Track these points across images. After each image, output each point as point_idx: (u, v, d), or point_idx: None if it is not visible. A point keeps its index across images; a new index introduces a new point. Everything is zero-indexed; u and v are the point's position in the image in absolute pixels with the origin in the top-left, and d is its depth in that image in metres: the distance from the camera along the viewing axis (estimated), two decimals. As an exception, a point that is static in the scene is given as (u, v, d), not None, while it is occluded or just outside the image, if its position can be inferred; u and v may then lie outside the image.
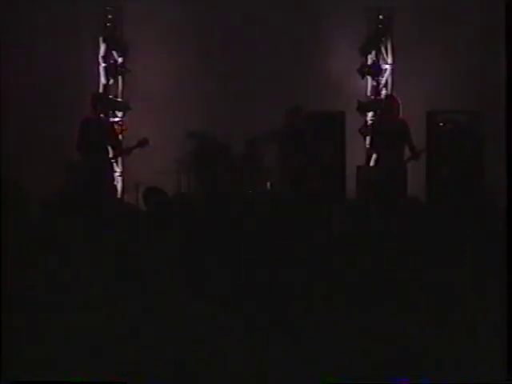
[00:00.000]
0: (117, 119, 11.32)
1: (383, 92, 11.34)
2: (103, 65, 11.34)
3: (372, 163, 9.38)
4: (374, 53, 11.42)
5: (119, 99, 11.37)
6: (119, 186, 11.14)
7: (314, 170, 9.52)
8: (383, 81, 11.40)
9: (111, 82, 11.34)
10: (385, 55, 11.41)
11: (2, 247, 6.51)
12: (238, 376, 4.93)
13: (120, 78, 11.43)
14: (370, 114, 11.37)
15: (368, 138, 10.27)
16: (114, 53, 11.41)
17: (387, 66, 11.39)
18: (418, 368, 4.99)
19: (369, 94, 11.47)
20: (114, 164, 10.12)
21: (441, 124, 10.93)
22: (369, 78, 11.46)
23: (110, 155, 9.28)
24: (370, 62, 11.45)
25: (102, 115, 9.20)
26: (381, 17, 11.28)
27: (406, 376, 4.89)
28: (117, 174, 10.80)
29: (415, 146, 9.07)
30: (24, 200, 8.08)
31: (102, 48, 11.34)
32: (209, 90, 11.01)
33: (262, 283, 6.39)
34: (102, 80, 11.30)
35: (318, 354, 5.18)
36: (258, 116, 10.37)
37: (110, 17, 11.27)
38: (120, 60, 11.43)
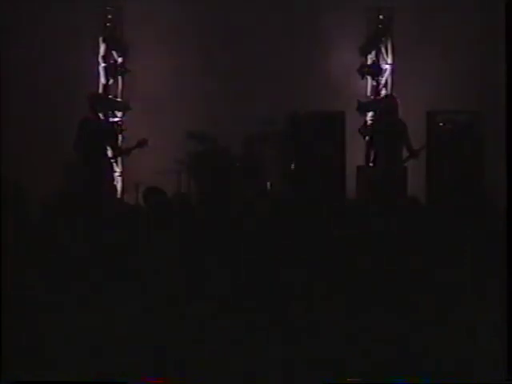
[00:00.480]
0: (116, 119, 11.32)
1: (383, 92, 11.34)
2: (103, 65, 11.33)
3: (372, 163, 9.36)
4: (373, 53, 11.41)
5: (119, 99, 11.36)
6: (119, 186, 11.14)
7: (314, 169, 9.51)
8: (383, 81, 11.39)
9: (111, 82, 11.33)
10: (385, 55, 11.40)
11: (2, 247, 6.51)
12: (238, 376, 4.93)
13: (120, 78, 11.42)
14: (369, 114, 11.37)
15: (368, 138, 10.26)
16: (114, 53, 11.41)
17: (387, 66, 11.38)
18: (417, 368, 4.99)
19: (369, 94, 11.47)
20: (114, 164, 10.11)
21: (441, 124, 10.91)
22: (369, 78, 11.46)
23: (109, 155, 9.27)
24: (369, 62, 11.44)
25: (100, 115, 9.19)
26: (381, 17, 11.27)
27: (405, 376, 4.90)
28: (117, 174, 10.80)
29: (413, 146, 9.07)
30: (24, 200, 8.08)
31: (102, 48, 11.33)
32: (209, 90, 11.00)
33: (262, 283, 6.40)
34: (102, 80, 11.29)
35: (317, 353, 5.18)
36: (257, 116, 10.36)
37: (109, 17, 11.25)
38: (120, 60, 11.42)
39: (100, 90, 11.09)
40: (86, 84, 10.67)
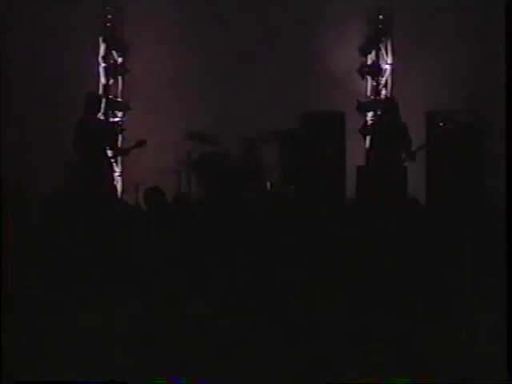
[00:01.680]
0: (116, 119, 11.32)
1: (383, 92, 11.34)
2: (103, 65, 11.33)
3: (372, 163, 9.36)
4: (373, 53, 11.42)
5: (119, 99, 11.36)
6: (119, 186, 11.13)
7: (314, 169, 9.52)
8: (383, 81, 11.40)
9: (111, 82, 11.34)
10: (385, 55, 11.41)
11: (2, 247, 6.52)
12: (238, 376, 4.93)
13: (120, 77, 11.43)
14: (369, 114, 11.37)
15: (368, 138, 10.26)
16: (114, 53, 11.40)
17: (387, 66, 11.39)
18: (417, 368, 4.99)
19: (369, 94, 11.47)
20: (114, 164, 10.11)
21: (441, 124, 10.91)
22: (369, 78, 11.46)
23: (109, 155, 9.26)
24: (369, 61, 11.45)
25: (98, 115, 9.18)
26: (381, 17, 11.28)
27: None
28: (117, 173, 10.79)
29: (412, 146, 9.07)
30: (24, 200, 8.08)
31: (102, 48, 11.32)
32: (209, 90, 11.01)
33: (262, 283, 6.40)
34: (102, 80, 11.29)
35: (317, 353, 5.18)
36: (258, 116, 10.35)
37: (109, 17, 11.25)
38: (120, 60, 11.42)
39: (100, 90, 11.10)
40: (85, 84, 10.66)
